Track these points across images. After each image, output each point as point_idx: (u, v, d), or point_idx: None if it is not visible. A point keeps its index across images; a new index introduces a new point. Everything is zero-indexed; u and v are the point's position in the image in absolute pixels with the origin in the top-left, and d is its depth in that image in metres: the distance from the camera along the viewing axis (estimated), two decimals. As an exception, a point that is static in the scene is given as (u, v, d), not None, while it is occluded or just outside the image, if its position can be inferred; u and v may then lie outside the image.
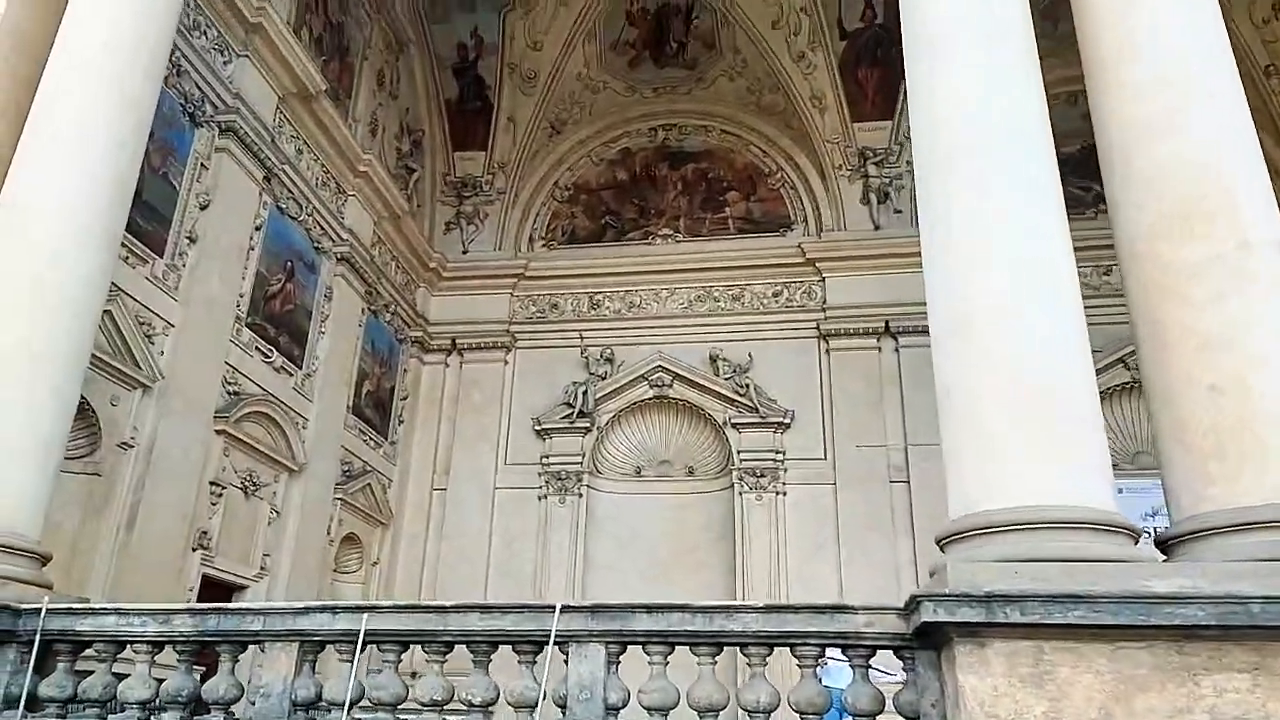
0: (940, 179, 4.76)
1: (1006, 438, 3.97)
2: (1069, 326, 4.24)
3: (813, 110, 14.57)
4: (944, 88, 4.88)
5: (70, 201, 5.61)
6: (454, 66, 15.11)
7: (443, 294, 14.87)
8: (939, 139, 4.82)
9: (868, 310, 13.43)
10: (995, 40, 4.85)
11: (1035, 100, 4.79)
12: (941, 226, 4.70)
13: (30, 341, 5.23)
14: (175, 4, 6.62)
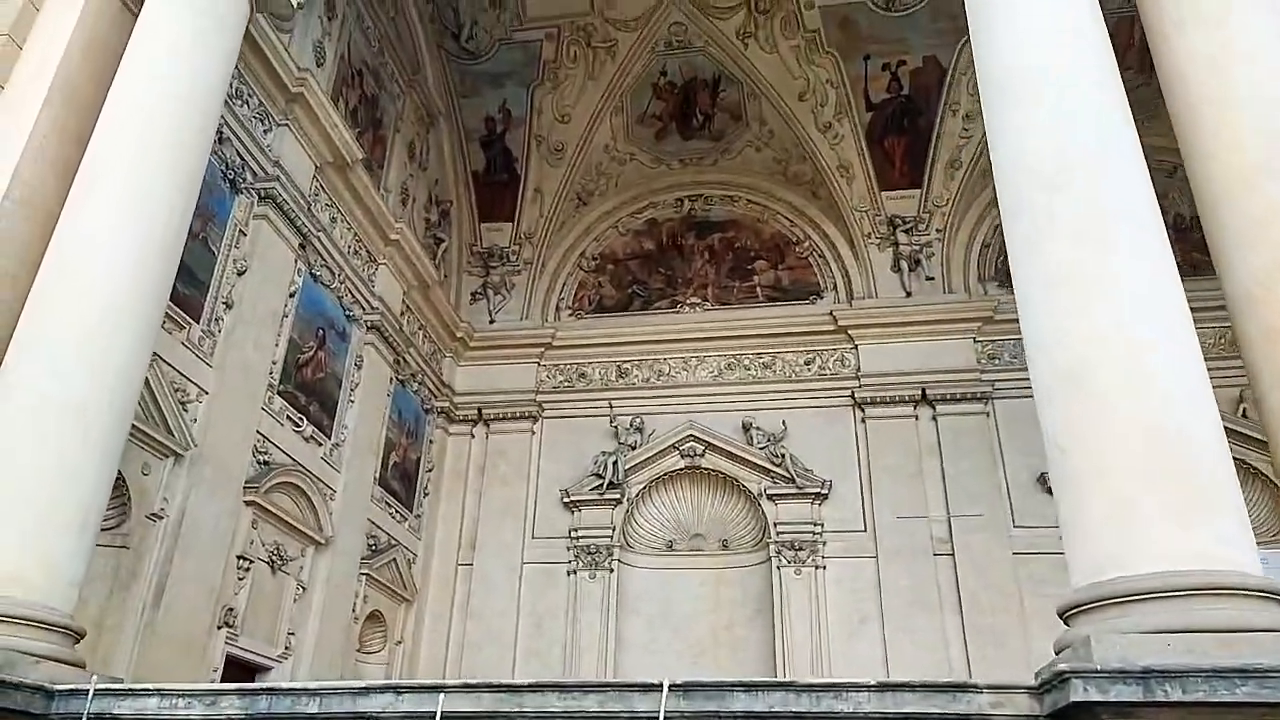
0: (1035, 217, 4.55)
1: (1139, 496, 3.68)
2: (1193, 371, 3.98)
3: (840, 179, 14.60)
4: (1034, 129, 4.72)
5: (120, 260, 5.45)
6: (482, 139, 15.25)
7: (469, 364, 14.68)
8: (1032, 177, 4.63)
9: (903, 378, 13.19)
10: (1081, 82, 4.71)
11: (1130, 138, 4.63)
12: (1040, 266, 4.46)
13: (75, 400, 5.00)
14: (227, 66, 6.58)
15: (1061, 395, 4.16)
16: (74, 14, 6.42)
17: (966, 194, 14.35)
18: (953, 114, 14.08)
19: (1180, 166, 14.00)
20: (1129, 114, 4.87)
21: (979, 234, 14.31)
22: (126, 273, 5.41)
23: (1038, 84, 4.85)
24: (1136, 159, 4.65)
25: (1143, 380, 3.87)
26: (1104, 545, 3.71)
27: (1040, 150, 4.69)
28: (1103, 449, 3.85)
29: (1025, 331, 4.62)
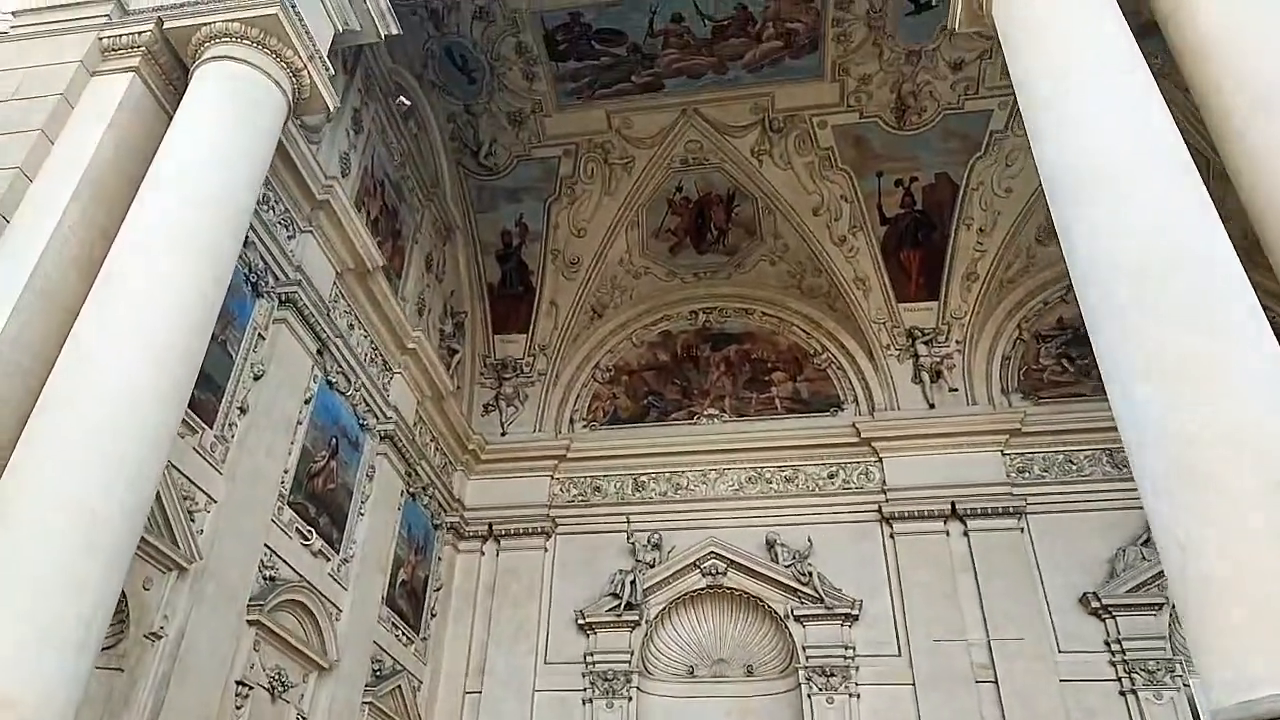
0: (1129, 310, 4.30)
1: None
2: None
3: (857, 292, 14.58)
4: (1122, 224, 4.55)
5: (140, 360, 5.20)
6: (497, 253, 15.32)
7: (480, 477, 14.23)
8: (1119, 271, 4.42)
9: (931, 492, 12.74)
10: (1166, 172, 4.57)
11: (1215, 222, 4.45)
12: (1140, 359, 4.17)
13: (84, 504, 4.60)
14: (261, 170, 6.50)
15: (1180, 491, 3.78)
16: (109, 112, 6.38)
17: (984, 307, 14.28)
18: (966, 228, 14.18)
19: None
20: (1208, 199, 4.71)
21: (999, 346, 14.17)
22: (146, 374, 5.12)
23: (1120, 179, 4.71)
24: (1226, 243, 4.45)
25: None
26: (1251, 657, 3.28)
27: (1132, 244, 4.49)
28: (1238, 550, 3.46)
29: (1126, 426, 4.29)
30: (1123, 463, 12.68)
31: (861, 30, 12.80)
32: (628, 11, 12.69)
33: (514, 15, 12.69)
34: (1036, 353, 14.10)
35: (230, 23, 6.56)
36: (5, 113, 6.26)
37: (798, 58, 13.24)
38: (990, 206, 14.11)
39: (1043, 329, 14.27)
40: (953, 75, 13.21)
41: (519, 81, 13.61)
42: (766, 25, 12.84)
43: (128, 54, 6.64)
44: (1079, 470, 12.79)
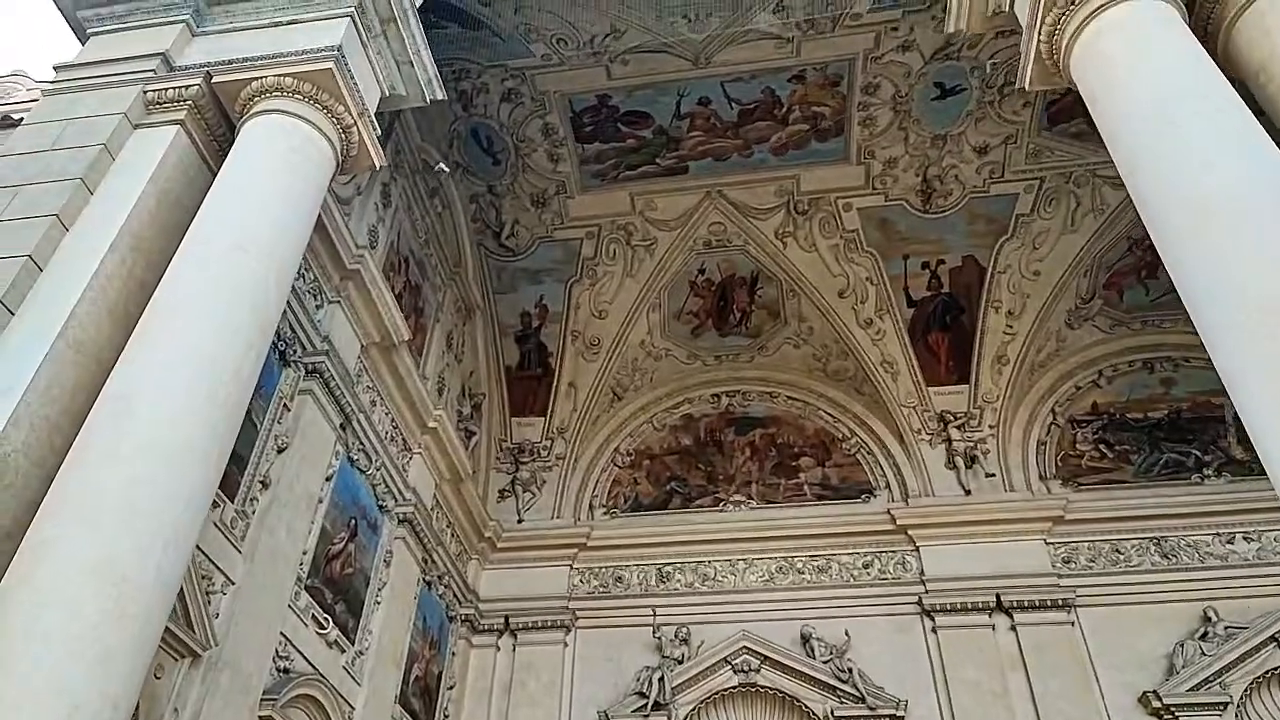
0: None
1: None
2: None
3: (885, 375, 14.27)
4: (1243, 252, 4.25)
5: (181, 411, 4.78)
6: (516, 334, 15.03)
7: (495, 567, 13.55)
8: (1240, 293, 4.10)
9: (973, 583, 12.14)
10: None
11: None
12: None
13: (116, 565, 4.09)
14: (307, 228, 6.21)
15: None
16: (151, 164, 6.12)
17: (1017, 391, 13.96)
18: (995, 311, 14.00)
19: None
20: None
21: (1033, 431, 13.78)
22: (188, 428, 4.70)
23: (1241, 211, 4.43)
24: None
25: None
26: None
27: (1257, 274, 4.18)
28: None
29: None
30: (1171, 552, 12.19)
31: (887, 115, 12.87)
32: (656, 95, 12.77)
33: (543, 97, 12.74)
34: (1073, 438, 13.70)
35: (283, 77, 6.39)
36: (45, 162, 6.00)
37: (823, 141, 13.28)
38: (1019, 289, 13.95)
39: (1077, 414, 13.92)
40: (978, 159, 13.24)
41: (544, 163, 13.59)
42: (792, 109, 12.91)
43: (173, 107, 6.44)
44: (1127, 560, 12.23)
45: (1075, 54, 5.63)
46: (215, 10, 7.15)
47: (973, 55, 12.11)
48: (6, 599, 3.92)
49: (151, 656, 4.25)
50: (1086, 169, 13.19)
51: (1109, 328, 14.33)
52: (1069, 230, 13.63)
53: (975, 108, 12.70)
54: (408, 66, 7.56)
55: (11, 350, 4.95)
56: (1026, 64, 6.19)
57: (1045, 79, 6.15)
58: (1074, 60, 5.65)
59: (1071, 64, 5.71)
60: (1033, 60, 6.09)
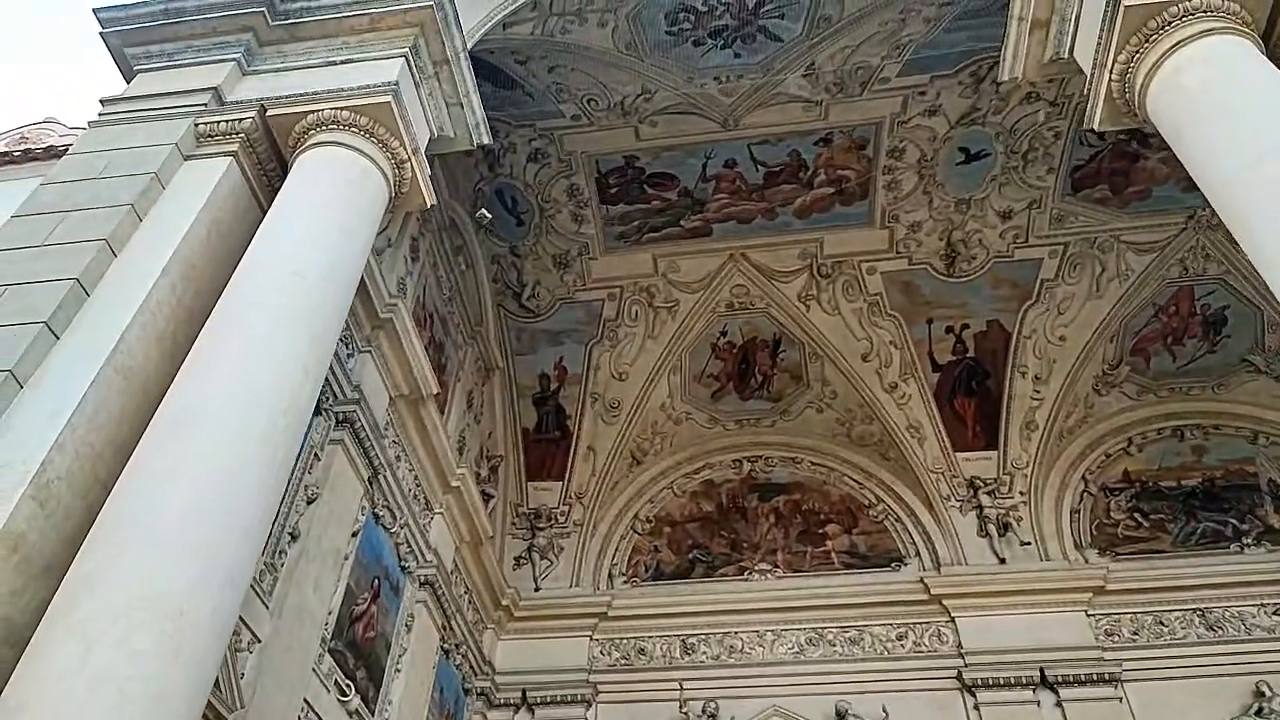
0: None
1: None
2: None
3: (911, 440, 13.98)
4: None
5: (239, 437, 4.48)
6: (534, 396, 14.74)
7: (512, 637, 12.96)
8: None
9: (1015, 656, 11.63)
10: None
11: None
12: None
13: (172, 599, 3.74)
14: (362, 254, 6.01)
15: None
16: (204, 193, 5.95)
17: (1046, 457, 13.68)
18: (1021, 376, 13.82)
19: (1261, 431, 13.57)
20: None
21: (1065, 499, 13.45)
22: (246, 454, 4.40)
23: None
24: None
25: None
26: None
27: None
28: None
29: None
30: (1216, 624, 11.77)
31: (912, 179, 12.92)
32: (683, 157, 12.81)
33: (570, 158, 12.76)
34: (1106, 507, 13.37)
35: (339, 110, 6.28)
36: (93, 190, 5.81)
37: (848, 204, 13.29)
38: (1045, 355, 13.80)
39: (1109, 481, 13.62)
40: (1002, 224, 13.26)
41: (567, 224, 13.55)
42: (818, 172, 12.95)
43: (225, 140, 6.31)
44: (1171, 633, 11.78)
45: (1152, 91, 5.56)
46: (267, 50, 7.09)
47: (998, 121, 12.23)
48: (51, 634, 3.54)
49: (204, 705, 3.85)
50: (1110, 234, 13.21)
51: (1136, 394, 14.15)
52: (1094, 296, 13.57)
53: (999, 172, 12.77)
54: (457, 109, 7.49)
55: (57, 373, 4.66)
56: (1096, 105, 6.12)
57: (1116, 119, 6.08)
58: (1151, 97, 5.58)
59: (1148, 101, 5.64)
60: (1103, 100, 6.02)
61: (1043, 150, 12.52)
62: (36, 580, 4.09)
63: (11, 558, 3.98)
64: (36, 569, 4.11)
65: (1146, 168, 12.65)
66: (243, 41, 7.02)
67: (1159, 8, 5.56)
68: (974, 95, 11.93)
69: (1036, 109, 12.10)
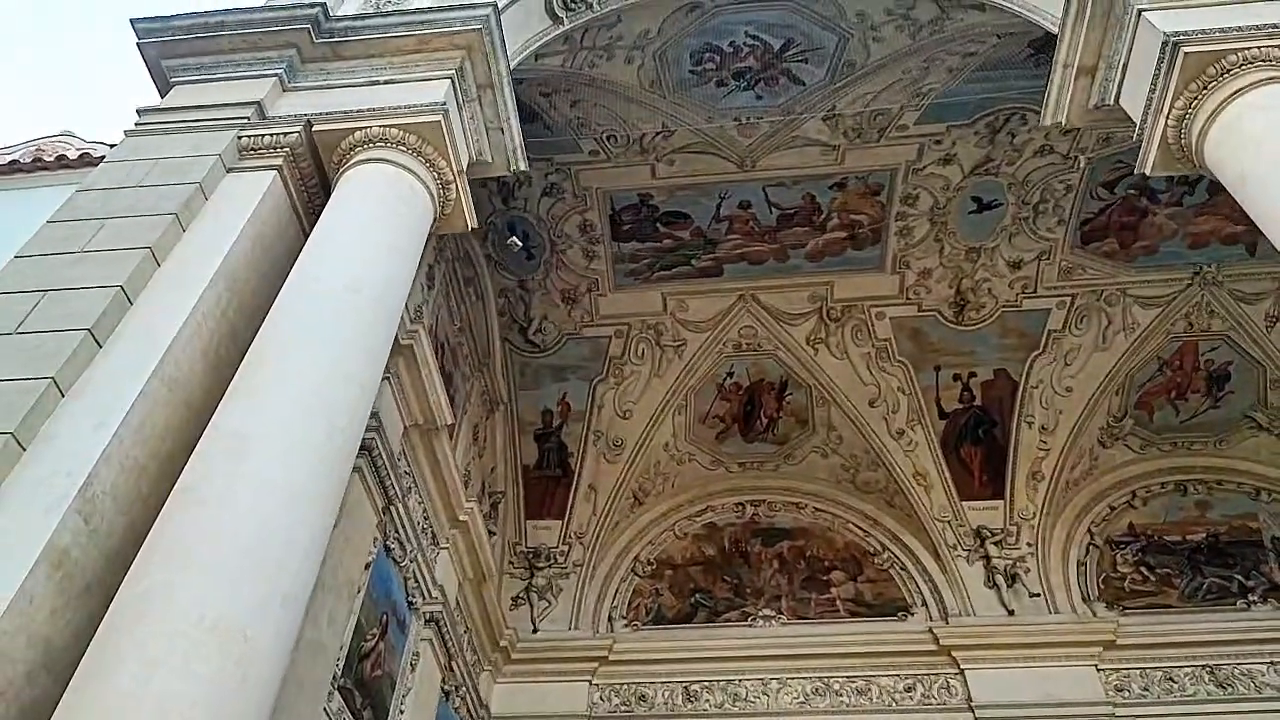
0: None
1: None
2: None
3: (918, 488, 13.88)
4: None
5: (299, 450, 4.25)
6: (536, 432, 14.50)
7: (509, 680, 12.55)
8: None
9: (1025, 710, 11.45)
10: None
11: None
12: None
13: (236, 622, 3.50)
14: (410, 271, 5.86)
15: None
16: (248, 206, 5.78)
17: (1053, 508, 13.63)
18: (1028, 426, 13.81)
19: (1264, 488, 13.61)
20: None
21: (1072, 551, 13.37)
22: (304, 472, 4.18)
23: None
24: None
25: None
26: None
27: None
28: None
29: None
30: (1226, 681, 11.65)
31: (924, 226, 13.01)
32: (697, 196, 12.82)
33: (584, 193, 12.73)
34: (1113, 560, 13.29)
35: (388, 128, 6.17)
36: (133, 198, 5.62)
37: (860, 249, 13.34)
38: (1051, 405, 13.82)
39: (1114, 534, 13.57)
40: (1011, 274, 13.35)
41: (578, 260, 13.48)
42: (832, 216, 13.00)
43: (269, 154, 6.16)
44: (1181, 689, 11.64)
45: (1212, 138, 5.59)
46: (309, 67, 6.99)
47: (1010, 172, 12.37)
48: (109, 654, 3.28)
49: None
50: (1117, 288, 13.34)
51: (1140, 448, 14.18)
52: (1100, 348, 13.65)
53: (1010, 223, 12.90)
54: (497, 133, 7.41)
55: (102, 383, 4.44)
56: (1149, 150, 6.15)
57: (1169, 164, 6.11)
58: (1211, 144, 5.61)
59: (1207, 147, 5.66)
60: (1157, 146, 6.04)
61: (1053, 202, 12.67)
62: (77, 600, 3.84)
63: (55, 575, 3.73)
64: (78, 588, 3.85)
65: (1154, 223, 12.84)
66: (285, 57, 6.92)
67: (1218, 55, 5.62)
68: (989, 145, 12.08)
69: (1049, 161, 12.26)
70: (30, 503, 3.83)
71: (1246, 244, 12.87)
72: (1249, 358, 13.52)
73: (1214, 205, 12.56)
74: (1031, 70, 10.82)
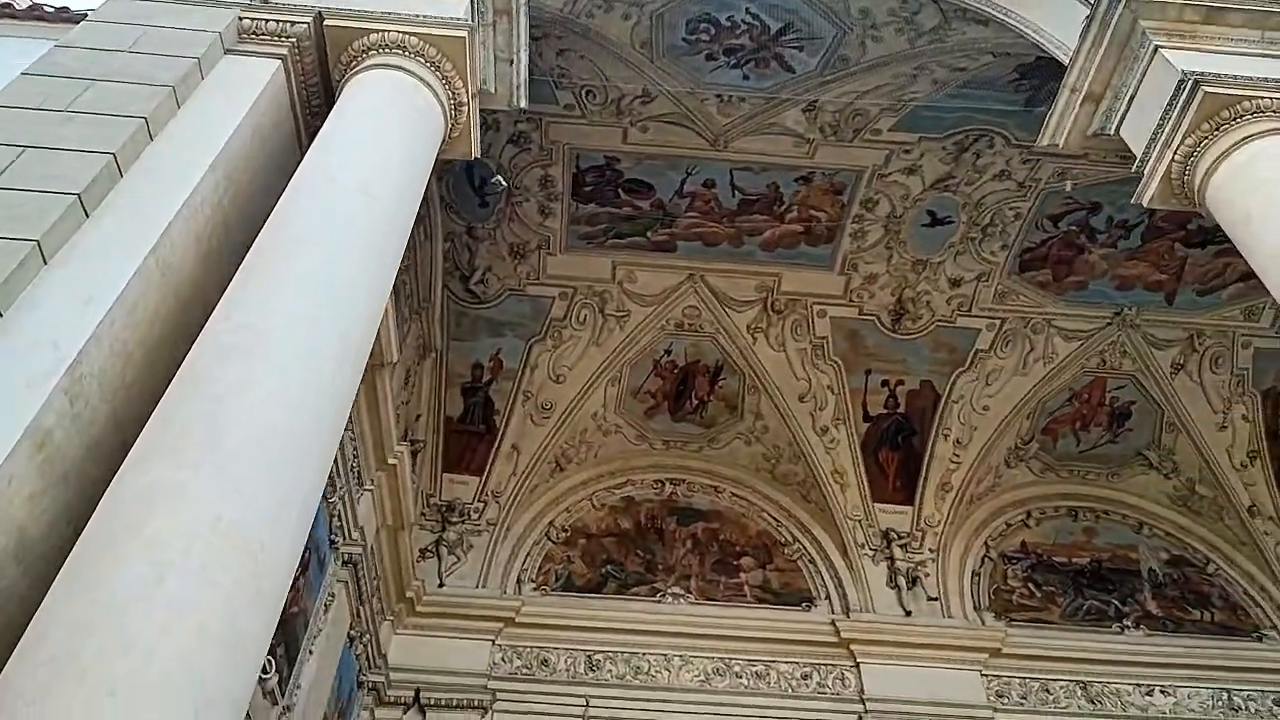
0: None
1: None
2: None
3: (834, 485, 14.19)
4: None
5: (313, 347, 3.93)
6: (464, 385, 14.11)
7: (409, 632, 12.20)
8: None
9: (912, 708, 11.88)
10: None
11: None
12: None
13: (250, 531, 3.18)
14: (421, 184, 5.53)
15: None
16: (249, 95, 5.34)
17: (956, 519, 14.19)
18: (944, 438, 14.31)
19: (1145, 522, 14.51)
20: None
21: (968, 561, 13.96)
22: (321, 375, 3.87)
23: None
24: None
25: None
26: None
27: None
28: None
29: None
30: (1096, 698, 12.41)
31: (878, 232, 13.26)
32: (664, 168, 12.68)
33: (552, 147, 12.40)
34: (1004, 573, 13.95)
35: (408, 35, 5.79)
36: (124, 62, 5.08)
37: (814, 245, 13.49)
38: (968, 421, 14.36)
39: (1008, 550, 14.24)
40: (950, 290, 13.77)
41: (533, 214, 13.15)
42: (792, 208, 13.08)
43: (272, 42, 5.69)
44: (1055, 701, 12.34)
45: (1218, 178, 5.84)
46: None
47: (968, 192, 12.73)
48: (115, 550, 2.92)
49: (266, 645, 3.29)
50: (1044, 318, 13.94)
51: (1040, 471, 14.92)
52: (1020, 373, 14.25)
53: (959, 241, 13.28)
54: (505, 65, 7.09)
55: (93, 256, 3.98)
56: (1150, 183, 6.38)
57: (1167, 198, 6.36)
58: (1216, 183, 5.85)
59: (1210, 186, 5.91)
60: (1159, 179, 6.27)
61: (1001, 227, 13.12)
62: (55, 488, 3.43)
63: (36, 457, 3.32)
64: (57, 474, 3.45)
65: (1089, 260, 13.47)
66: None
67: (1235, 100, 5.87)
68: (953, 163, 12.38)
69: (1005, 187, 12.67)
70: (9, 375, 3.40)
71: (1167, 292, 13.69)
72: (1151, 399, 14.38)
73: (1145, 252, 13.31)
74: (1011, 94, 11.14)
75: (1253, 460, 14.28)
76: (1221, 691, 12.54)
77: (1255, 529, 14.12)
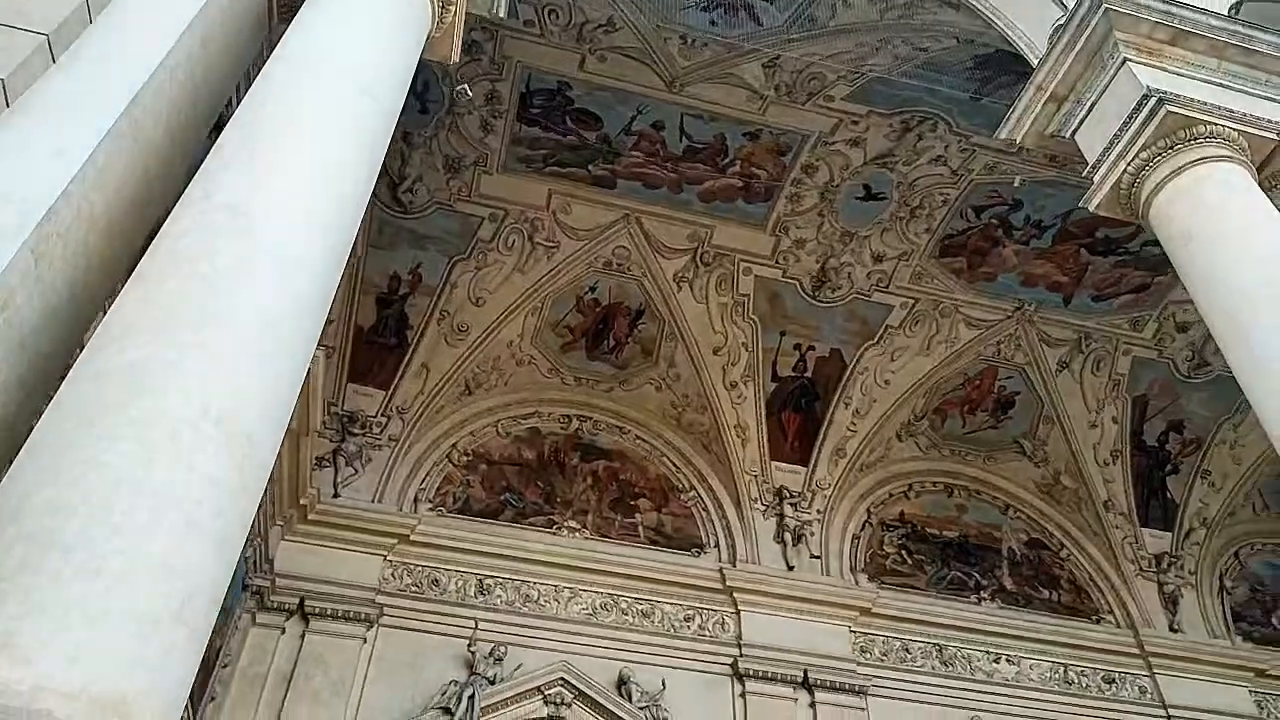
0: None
1: None
2: None
3: (735, 439, 14.56)
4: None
5: (302, 225, 3.72)
6: (379, 295, 13.68)
7: (298, 540, 11.91)
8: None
9: (785, 655, 12.50)
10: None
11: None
12: None
13: (240, 419, 3.03)
14: (405, 79, 5.31)
15: None
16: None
17: (845, 484, 14.84)
18: (845, 406, 14.87)
19: (1011, 505, 15.48)
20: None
21: (851, 525, 14.65)
22: (313, 265, 3.69)
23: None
24: None
25: None
26: None
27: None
28: None
29: None
30: (949, 660, 13.34)
31: (814, 198, 13.49)
32: (615, 102, 12.47)
33: (504, 62, 12.00)
34: (881, 539, 14.73)
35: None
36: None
37: (750, 202, 13.62)
38: (869, 393, 14.95)
39: (886, 518, 15.02)
40: (872, 265, 14.19)
41: (473, 129, 12.73)
42: (735, 162, 13.14)
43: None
44: (913, 661, 13.20)
45: (1165, 195, 6.18)
46: None
47: (905, 172, 13.06)
48: (99, 428, 2.71)
49: (241, 545, 3.14)
50: (953, 303, 14.58)
51: (925, 448, 15.74)
52: (923, 352, 14.90)
53: (887, 219, 13.67)
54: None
55: (60, 105, 3.61)
56: (1100, 190, 6.69)
57: (1113, 206, 6.69)
58: (1163, 200, 6.20)
59: (1156, 202, 6.25)
60: (1109, 187, 6.59)
61: (928, 211, 13.56)
62: (13, 355, 3.15)
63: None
64: (14, 340, 3.16)
65: (1001, 255, 14.12)
66: None
67: (1193, 122, 6.20)
68: (896, 141, 12.67)
69: (938, 173, 13.06)
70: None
71: (1065, 294, 14.53)
72: (1034, 392, 15.32)
73: (1053, 253, 14.06)
74: (964, 82, 11.45)
75: (1115, 459, 15.48)
76: (1059, 665, 13.70)
77: (1108, 522, 15.37)
